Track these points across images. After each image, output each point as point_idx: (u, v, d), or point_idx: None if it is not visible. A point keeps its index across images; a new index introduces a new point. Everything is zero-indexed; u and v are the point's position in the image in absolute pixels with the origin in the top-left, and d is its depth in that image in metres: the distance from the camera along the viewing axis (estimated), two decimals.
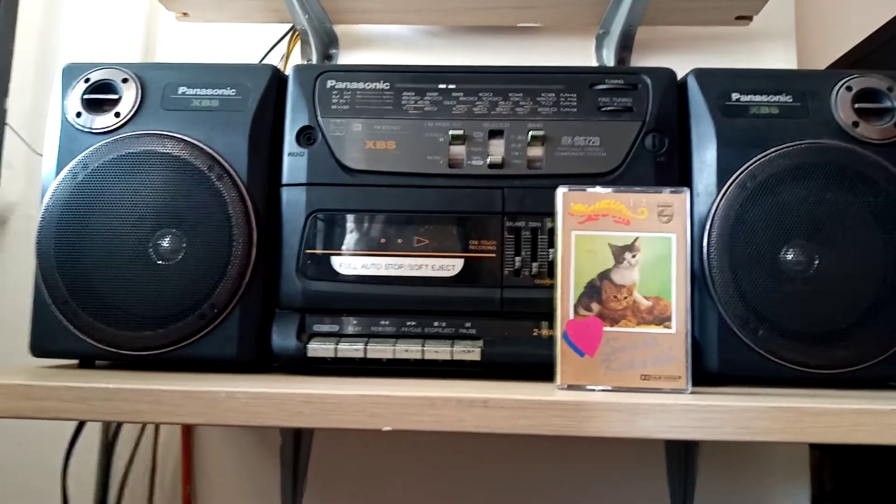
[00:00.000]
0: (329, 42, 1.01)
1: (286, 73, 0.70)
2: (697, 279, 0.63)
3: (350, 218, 0.66)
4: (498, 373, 0.64)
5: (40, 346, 0.66)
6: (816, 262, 0.61)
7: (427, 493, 0.97)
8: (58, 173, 0.65)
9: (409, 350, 0.63)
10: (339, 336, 0.65)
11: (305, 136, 0.68)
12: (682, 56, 1.00)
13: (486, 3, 0.94)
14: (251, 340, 0.65)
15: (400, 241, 0.65)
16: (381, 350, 0.63)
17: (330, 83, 0.68)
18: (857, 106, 0.64)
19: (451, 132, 0.66)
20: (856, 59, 0.95)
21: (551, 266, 0.64)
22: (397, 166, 0.67)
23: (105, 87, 0.68)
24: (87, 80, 0.68)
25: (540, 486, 0.96)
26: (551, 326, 0.63)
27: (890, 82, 0.65)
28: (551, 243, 0.64)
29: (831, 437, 0.49)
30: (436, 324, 0.65)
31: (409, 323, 0.65)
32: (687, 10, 0.94)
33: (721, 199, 0.63)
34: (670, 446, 0.91)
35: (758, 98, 0.65)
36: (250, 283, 0.65)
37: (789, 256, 0.62)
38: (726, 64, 0.74)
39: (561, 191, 0.59)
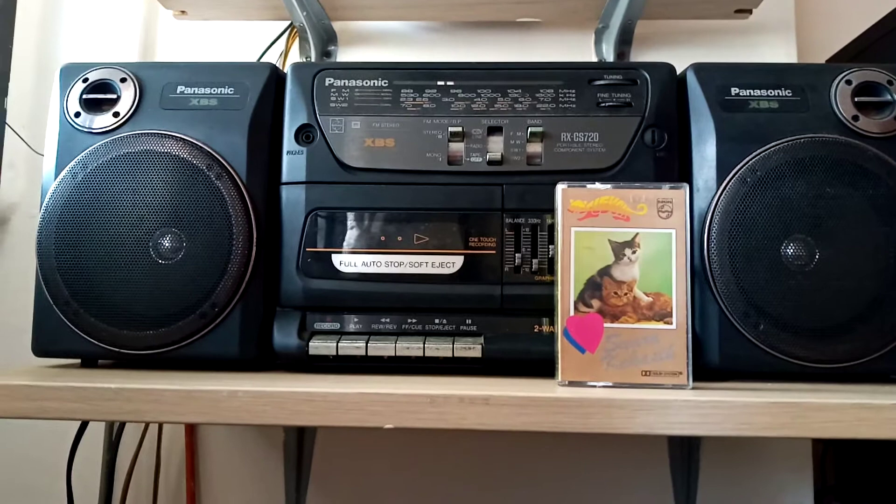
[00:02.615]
0: (328, 39, 1.01)
1: (285, 70, 0.70)
2: (698, 274, 0.63)
3: (350, 216, 0.66)
4: (499, 369, 0.64)
5: (42, 347, 0.66)
6: (817, 256, 0.61)
7: (430, 489, 0.97)
8: (57, 173, 0.65)
9: (410, 347, 0.63)
10: (340, 334, 0.65)
11: (304, 134, 0.68)
12: (681, 50, 1.00)
13: None
14: (252, 339, 0.65)
15: (400, 238, 0.65)
16: (382, 348, 0.63)
17: (328, 81, 0.68)
18: (857, 99, 0.64)
19: (449, 129, 0.66)
20: (856, 52, 0.94)
21: (551, 262, 0.64)
22: (396, 164, 0.66)
23: (103, 86, 0.68)
24: (85, 80, 0.68)
25: (543, 481, 0.97)
26: (552, 323, 0.63)
27: (890, 75, 0.65)
28: (551, 240, 0.64)
29: (833, 432, 0.49)
30: (437, 321, 0.65)
31: (409, 320, 0.65)
32: (686, 4, 0.94)
33: (721, 194, 0.63)
34: (673, 440, 0.91)
35: (757, 92, 0.65)
36: (251, 281, 0.65)
37: (790, 251, 0.61)
38: (726, 58, 0.74)
39: (560, 187, 0.58)
